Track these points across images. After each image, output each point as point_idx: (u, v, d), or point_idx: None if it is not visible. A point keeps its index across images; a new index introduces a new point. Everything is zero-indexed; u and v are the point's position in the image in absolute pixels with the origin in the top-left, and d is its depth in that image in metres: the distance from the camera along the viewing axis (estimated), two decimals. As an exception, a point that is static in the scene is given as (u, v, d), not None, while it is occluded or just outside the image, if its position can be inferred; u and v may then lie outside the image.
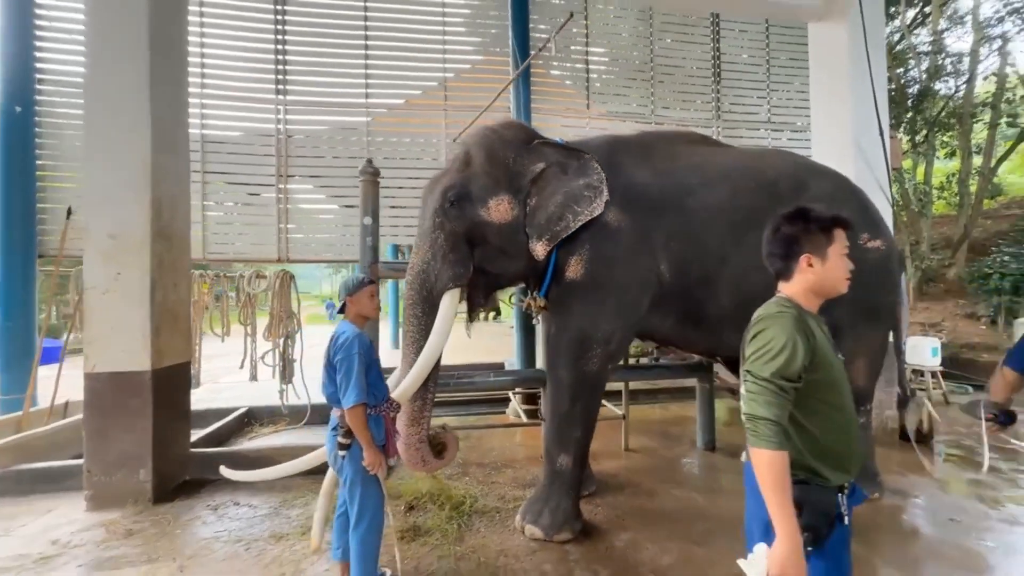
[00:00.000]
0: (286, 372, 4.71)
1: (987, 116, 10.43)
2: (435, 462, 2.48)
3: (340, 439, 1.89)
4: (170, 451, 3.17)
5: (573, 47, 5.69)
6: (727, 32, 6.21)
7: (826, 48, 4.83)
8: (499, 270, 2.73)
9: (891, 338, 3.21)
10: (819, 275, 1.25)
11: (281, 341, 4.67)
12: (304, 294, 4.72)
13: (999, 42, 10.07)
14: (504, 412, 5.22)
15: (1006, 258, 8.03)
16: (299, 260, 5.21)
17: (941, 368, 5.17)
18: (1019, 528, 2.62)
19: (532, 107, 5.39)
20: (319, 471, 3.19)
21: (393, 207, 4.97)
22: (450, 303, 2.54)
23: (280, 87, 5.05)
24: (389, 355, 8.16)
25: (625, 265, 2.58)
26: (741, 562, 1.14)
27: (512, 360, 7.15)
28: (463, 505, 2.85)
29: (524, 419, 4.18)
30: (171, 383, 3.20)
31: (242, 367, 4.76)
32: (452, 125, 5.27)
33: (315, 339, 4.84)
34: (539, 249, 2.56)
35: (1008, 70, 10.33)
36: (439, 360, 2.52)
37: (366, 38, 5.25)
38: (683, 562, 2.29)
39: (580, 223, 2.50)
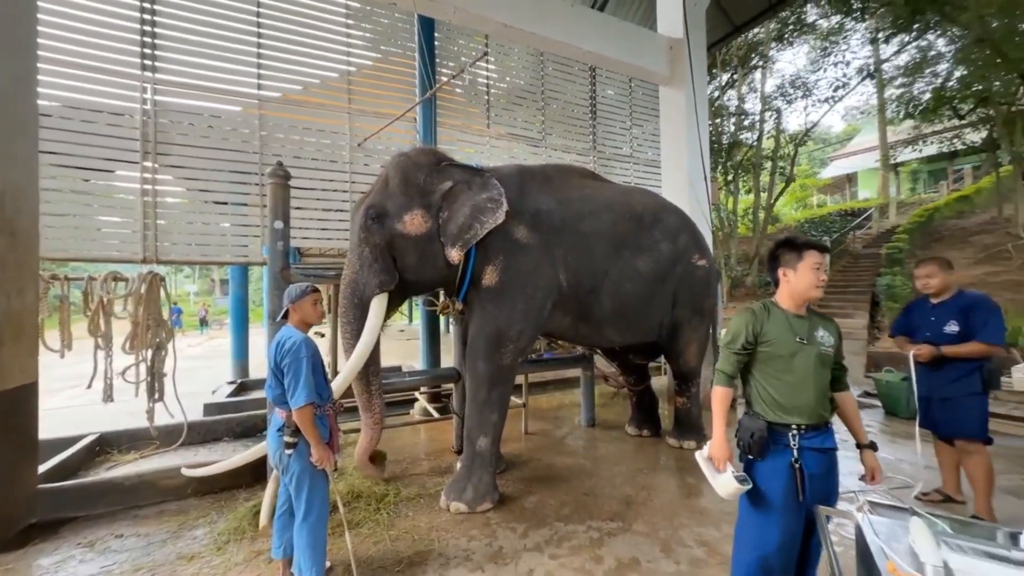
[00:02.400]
0: (155, 388, 4.14)
1: (769, 165, 14.13)
2: (369, 466, 2.83)
3: (287, 438, 2.00)
4: (15, 489, 2.65)
5: (475, 71, 6.14)
6: (600, 78, 7.40)
7: (670, 106, 6.20)
8: (419, 276, 3.06)
9: (711, 330, 4.41)
10: (791, 283, 1.72)
11: (149, 353, 4.09)
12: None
13: (775, 112, 13.75)
14: (408, 412, 5.37)
15: (779, 270, 11.09)
16: (170, 261, 4.56)
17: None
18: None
19: (438, 121, 5.67)
20: (218, 488, 3.10)
21: (293, 208, 4.75)
22: (378, 307, 2.83)
23: (147, 61, 4.37)
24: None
25: (533, 275, 3.12)
26: (697, 453, 1.81)
27: (411, 364, 7.28)
28: (387, 497, 3.05)
29: (436, 415, 4.44)
30: (16, 408, 2.68)
31: (90, 386, 4.00)
32: (357, 130, 5.24)
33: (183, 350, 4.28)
34: (453, 254, 2.94)
35: (783, 135, 14.14)
36: (378, 355, 2.86)
37: (258, 21, 4.87)
38: (578, 509, 2.91)
39: (487, 230, 2.93)
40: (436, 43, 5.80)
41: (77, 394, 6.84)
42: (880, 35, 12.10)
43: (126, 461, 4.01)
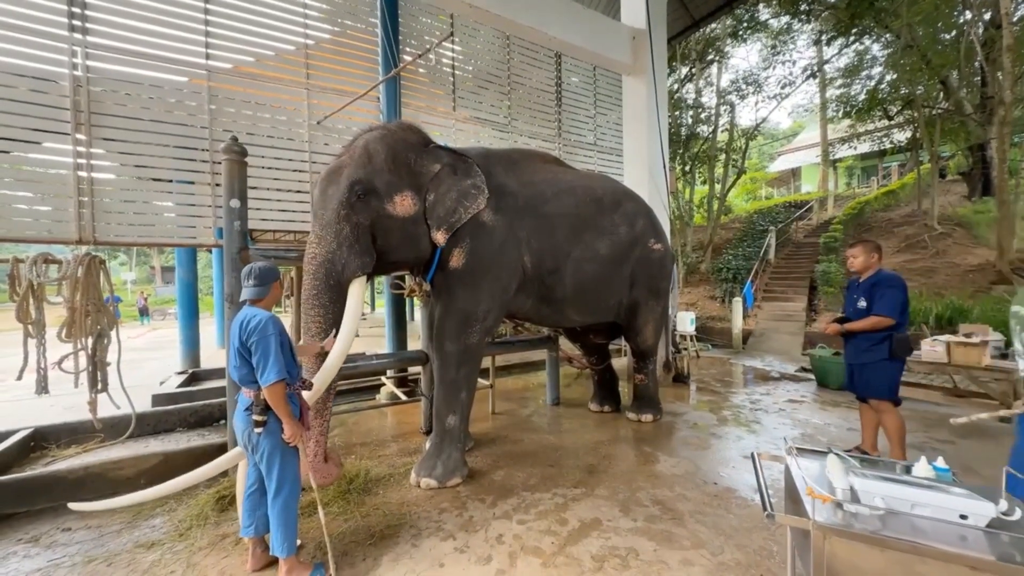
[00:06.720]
0: (98, 379, 3.88)
1: (723, 158, 14.84)
2: (323, 466, 2.54)
3: (256, 416, 1.98)
4: (-59, 486, 2.44)
5: (441, 52, 6.02)
6: (566, 65, 7.47)
7: (633, 96, 6.39)
8: (397, 258, 3.01)
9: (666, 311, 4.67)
10: None
11: (90, 341, 3.82)
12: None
13: (729, 107, 14.41)
14: (373, 398, 5.34)
15: (729, 257, 11.79)
16: (110, 243, 4.23)
17: (695, 332, 7.48)
18: (729, 427, 4.25)
19: (403, 102, 5.53)
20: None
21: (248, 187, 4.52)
22: (359, 291, 2.71)
23: (76, 22, 3.97)
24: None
25: (498, 256, 3.18)
26: None
27: (374, 350, 7.19)
28: (357, 479, 3.06)
29: (404, 398, 4.46)
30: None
31: (20, 378, 3.70)
32: (316, 107, 5.02)
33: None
34: (439, 237, 2.96)
35: (736, 129, 14.86)
36: None
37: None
38: (544, 480, 3.06)
39: (470, 215, 2.99)
40: (399, 20, 5.63)
41: (5, 387, 6.27)
42: (823, 37, 12.91)
43: (66, 456, 3.75)
